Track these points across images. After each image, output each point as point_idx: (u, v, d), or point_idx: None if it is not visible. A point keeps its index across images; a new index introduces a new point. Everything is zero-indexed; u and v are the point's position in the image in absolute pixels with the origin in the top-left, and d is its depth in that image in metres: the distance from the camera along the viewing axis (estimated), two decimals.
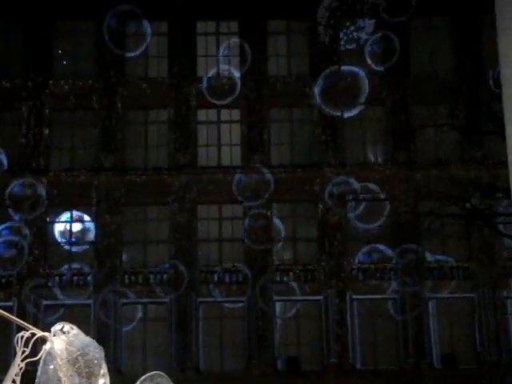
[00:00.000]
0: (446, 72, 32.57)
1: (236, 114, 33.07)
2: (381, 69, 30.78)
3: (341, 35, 32.04)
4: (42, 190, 31.23)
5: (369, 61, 28.74)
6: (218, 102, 30.05)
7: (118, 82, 32.77)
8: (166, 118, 32.78)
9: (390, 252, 30.36)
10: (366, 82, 27.15)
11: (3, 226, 30.07)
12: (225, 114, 33.05)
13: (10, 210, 30.23)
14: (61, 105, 32.48)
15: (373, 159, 32.66)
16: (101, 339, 5.88)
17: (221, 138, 32.76)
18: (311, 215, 32.03)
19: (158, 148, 32.63)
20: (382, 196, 30.93)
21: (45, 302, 30.46)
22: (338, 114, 29.91)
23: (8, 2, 32.34)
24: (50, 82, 32.63)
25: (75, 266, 31.13)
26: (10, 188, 30.25)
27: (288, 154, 32.68)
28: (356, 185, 29.79)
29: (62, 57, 33.28)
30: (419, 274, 30.96)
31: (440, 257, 31.10)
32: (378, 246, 30.30)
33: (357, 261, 31.23)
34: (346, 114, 29.47)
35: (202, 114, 33.00)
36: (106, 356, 5.57)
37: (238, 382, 29.79)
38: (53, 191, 31.35)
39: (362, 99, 26.95)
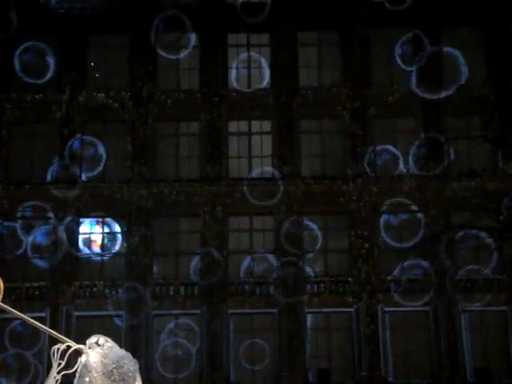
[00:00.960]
0: (479, 83, 32.37)
1: (267, 125, 33.09)
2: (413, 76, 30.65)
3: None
4: (73, 201, 31.46)
5: (401, 66, 28.65)
6: (249, 114, 30.11)
7: (149, 94, 32.94)
8: (197, 129, 32.87)
9: (423, 264, 30.14)
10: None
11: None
12: (256, 126, 33.08)
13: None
14: (93, 116, 32.73)
15: (405, 171, 32.47)
16: (132, 350, 5.86)
17: (251, 149, 32.79)
18: (342, 227, 31.91)
19: (189, 160, 32.72)
20: (414, 208, 30.76)
21: (76, 313, 30.61)
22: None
23: (44, 18, 32.70)
24: (83, 93, 32.90)
25: (106, 277, 31.29)
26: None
27: (319, 165, 32.61)
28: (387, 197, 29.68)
29: (95, 70, 33.57)
30: (452, 286, 30.68)
31: (473, 269, 30.82)
32: (412, 259, 30.12)
33: (389, 273, 31.04)
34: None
35: (232, 126, 33.07)
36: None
37: None
38: (84, 202, 31.53)
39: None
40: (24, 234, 29.82)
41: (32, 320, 5.97)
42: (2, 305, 5.56)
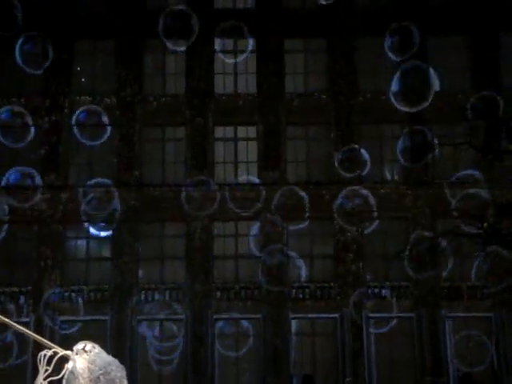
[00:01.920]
0: (463, 90, 32.54)
1: (252, 131, 33.14)
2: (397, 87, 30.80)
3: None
4: (59, 206, 31.39)
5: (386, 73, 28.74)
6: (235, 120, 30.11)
7: (135, 99, 32.94)
8: (183, 134, 32.88)
9: (407, 270, 30.23)
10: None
11: None
12: (241, 131, 33.13)
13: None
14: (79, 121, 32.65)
15: (390, 177, 32.61)
16: (118, 356, 5.88)
17: (237, 154, 32.84)
18: (327, 232, 31.97)
19: (175, 165, 32.72)
20: (398, 215, 30.84)
21: (61, 318, 30.52)
22: None
23: (30, 21, 32.56)
24: (68, 99, 32.85)
25: (92, 281, 31.23)
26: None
27: (304, 171, 32.68)
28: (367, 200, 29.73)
29: (81, 74, 33.53)
30: (436, 293, 30.81)
31: (457, 276, 30.96)
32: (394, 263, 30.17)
33: (374, 279, 31.14)
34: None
35: (218, 131, 33.10)
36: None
37: None
38: (70, 207, 31.47)
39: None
40: None
41: (19, 326, 5.97)
42: None
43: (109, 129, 27.21)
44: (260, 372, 30.51)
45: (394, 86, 29.49)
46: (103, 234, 31.83)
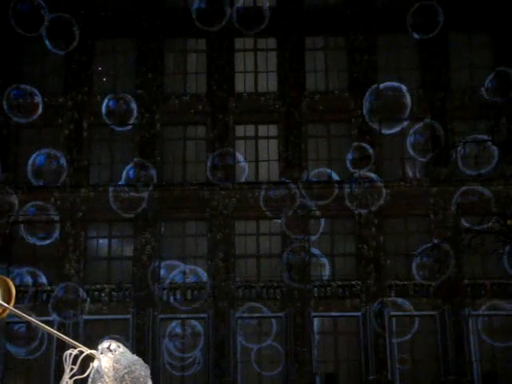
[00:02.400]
0: (486, 87, 32.35)
1: (273, 129, 33.12)
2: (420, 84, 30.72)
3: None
4: (80, 206, 31.55)
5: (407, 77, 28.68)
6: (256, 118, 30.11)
7: (156, 98, 33.00)
8: (204, 134, 32.91)
9: (429, 268, 30.11)
10: (408, 97, 27.09)
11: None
12: (262, 130, 33.10)
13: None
14: (100, 121, 32.79)
15: (411, 175, 32.48)
16: (139, 354, 5.90)
17: (258, 153, 32.82)
18: (349, 231, 31.89)
19: (196, 164, 32.74)
20: (421, 212, 30.68)
21: (84, 317, 30.64)
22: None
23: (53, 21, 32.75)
24: (89, 98, 32.99)
25: (114, 281, 31.34)
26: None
27: (326, 169, 32.59)
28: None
29: (102, 74, 33.65)
30: (459, 291, 30.66)
31: (479, 274, 30.81)
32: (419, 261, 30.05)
33: (396, 278, 31.04)
34: (389, 131, 29.39)
35: (239, 130, 33.10)
36: None
37: None
38: (91, 206, 31.58)
39: (405, 115, 26.87)
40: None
41: (43, 324, 6.00)
42: (14, 309, 5.58)
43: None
44: (283, 370, 30.47)
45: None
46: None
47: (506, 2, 33.13)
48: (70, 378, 5.49)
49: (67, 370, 5.47)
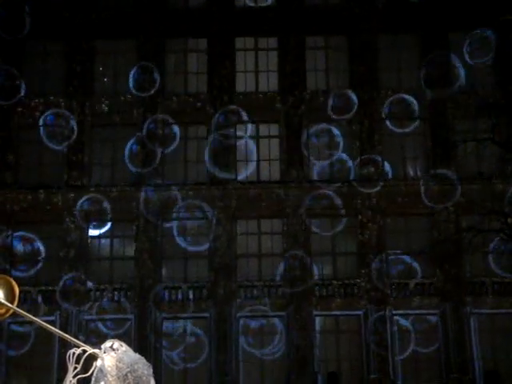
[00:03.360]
0: (486, 86, 32.38)
1: (275, 128, 33.11)
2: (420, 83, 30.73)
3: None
4: (82, 206, 31.58)
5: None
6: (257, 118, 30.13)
7: (157, 97, 32.99)
8: (205, 133, 32.90)
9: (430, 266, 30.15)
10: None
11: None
12: (263, 129, 33.10)
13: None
14: (101, 121, 32.82)
15: (412, 174, 32.49)
16: (141, 354, 5.95)
17: (259, 152, 32.82)
18: (350, 230, 31.88)
19: (197, 163, 32.74)
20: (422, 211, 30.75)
21: (86, 317, 30.68)
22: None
23: (51, 23, 32.84)
24: (90, 99, 33.02)
25: (116, 280, 31.37)
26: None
27: (327, 169, 32.60)
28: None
29: (103, 74, 33.67)
30: (460, 289, 30.68)
31: (480, 272, 30.84)
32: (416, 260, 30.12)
33: (398, 276, 31.07)
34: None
35: (240, 129, 33.10)
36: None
37: None
38: (93, 206, 31.60)
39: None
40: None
41: (47, 324, 6.03)
42: (17, 309, 5.63)
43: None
44: (285, 369, 30.50)
45: None
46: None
47: (507, 3, 33.13)
48: (74, 376, 5.53)
49: (71, 369, 5.51)
